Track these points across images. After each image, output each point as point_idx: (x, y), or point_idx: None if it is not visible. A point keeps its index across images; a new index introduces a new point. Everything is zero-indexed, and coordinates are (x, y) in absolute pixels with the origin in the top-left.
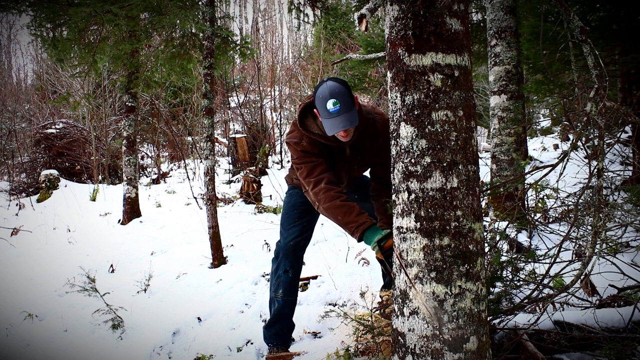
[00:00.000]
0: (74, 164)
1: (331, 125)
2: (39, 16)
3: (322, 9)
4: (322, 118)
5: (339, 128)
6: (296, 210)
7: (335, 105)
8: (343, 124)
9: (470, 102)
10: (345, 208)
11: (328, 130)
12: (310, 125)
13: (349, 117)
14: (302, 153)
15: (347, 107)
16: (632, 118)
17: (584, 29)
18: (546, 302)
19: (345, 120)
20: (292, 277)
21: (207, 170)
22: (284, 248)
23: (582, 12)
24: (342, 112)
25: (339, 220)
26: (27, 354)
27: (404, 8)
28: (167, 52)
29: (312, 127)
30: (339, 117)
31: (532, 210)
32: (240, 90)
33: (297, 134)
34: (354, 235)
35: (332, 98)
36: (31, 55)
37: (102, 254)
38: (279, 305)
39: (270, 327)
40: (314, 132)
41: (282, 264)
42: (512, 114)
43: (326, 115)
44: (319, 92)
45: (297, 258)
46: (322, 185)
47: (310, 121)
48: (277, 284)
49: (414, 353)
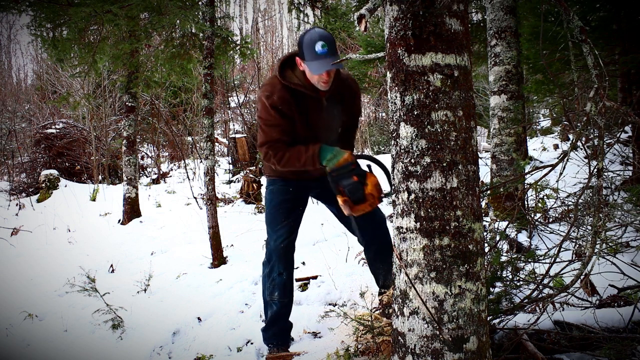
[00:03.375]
0: (74, 164)
1: (318, 65)
2: (39, 16)
3: (322, 9)
4: (307, 61)
5: (326, 67)
6: (281, 209)
7: (324, 47)
8: (332, 63)
9: (470, 102)
10: (295, 152)
11: (315, 70)
12: (289, 75)
13: (336, 59)
14: (270, 109)
15: (333, 51)
16: (632, 118)
17: (584, 29)
18: (546, 302)
19: (333, 60)
20: (286, 279)
21: (207, 170)
22: (275, 251)
23: (582, 12)
24: (329, 55)
25: (297, 165)
26: (27, 354)
27: (403, 8)
28: (167, 52)
29: (291, 78)
30: (326, 58)
31: (532, 210)
32: (240, 90)
33: (269, 87)
34: (315, 164)
35: (321, 40)
36: (31, 55)
37: (102, 254)
38: (275, 308)
39: (268, 330)
40: (293, 81)
41: (276, 267)
42: (512, 114)
43: (313, 57)
44: (306, 36)
45: (289, 259)
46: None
47: (289, 73)
48: (272, 287)
49: (414, 353)
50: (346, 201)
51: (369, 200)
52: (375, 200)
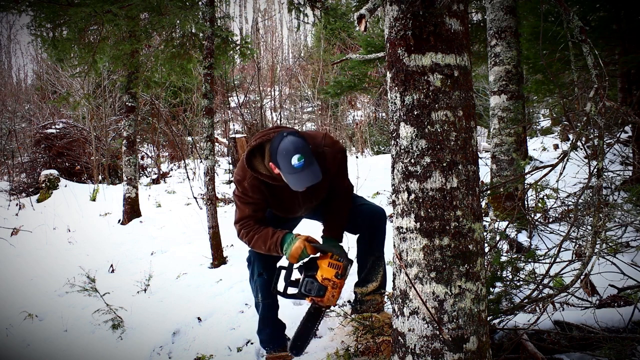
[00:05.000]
0: (74, 164)
1: (296, 181)
2: (39, 16)
3: (322, 9)
4: (284, 173)
5: (305, 183)
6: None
7: (300, 160)
8: (310, 178)
9: (470, 102)
10: (262, 235)
11: (293, 185)
12: (257, 166)
13: (314, 171)
14: (242, 194)
15: (310, 161)
16: (632, 118)
17: (584, 29)
18: (546, 302)
19: (310, 174)
20: (267, 279)
21: (207, 170)
22: (253, 253)
23: (582, 12)
24: (306, 167)
25: (264, 250)
26: (27, 354)
27: (403, 8)
28: (167, 52)
29: (259, 168)
30: (303, 171)
31: (532, 210)
32: (240, 90)
33: (241, 171)
34: (279, 253)
35: (297, 153)
36: (31, 55)
37: (102, 254)
38: (262, 309)
39: (261, 332)
40: (262, 172)
41: (256, 267)
42: (512, 114)
43: (290, 170)
44: (281, 146)
45: (268, 258)
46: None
47: (258, 162)
48: (256, 289)
49: (414, 353)
50: (312, 300)
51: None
52: (338, 281)
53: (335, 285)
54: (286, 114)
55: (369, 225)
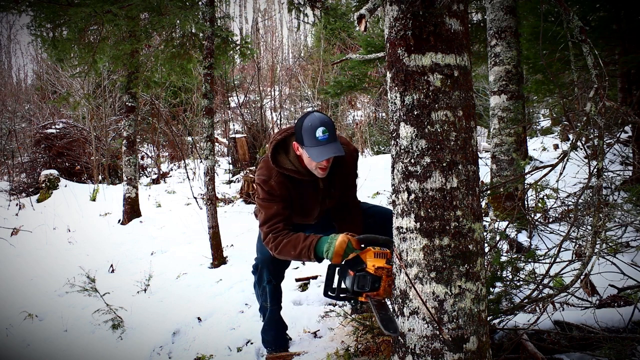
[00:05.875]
0: (74, 164)
1: (319, 153)
2: (39, 16)
3: (322, 9)
4: (307, 146)
5: (328, 154)
6: None
7: (325, 133)
8: (333, 150)
9: (470, 102)
10: (293, 239)
11: (315, 157)
12: (282, 161)
13: (337, 146)
14: (267, 194)
15: (334, 136)
16: (632, 118)
17: (584, 29)
18: (546, 302)
19: (334, 146)
20: (276, 285)
21: (207, 170)
22: (263, 260)
23: (582, 12)
24: (330, 141)
25: (293, 255)
26: (27, 354)
27: (403, 8)
28: (167, 52)
29: (284, 163)
30: (327, 144)
31: (532, 210)
32: (240, 90)
33: (265, 171)
34: (311, 257)
35: (322, 126)
36: (31, 55)
37: (102, 254)
38: (270, 312)
39: (267, 333)
40: (287, 167)
41: (265, 275)
42: (512, 114)
43: (314, 143)
44: (306, 121)
45: (276, 266)
46: (273, 235)
47: (283, 157)
48: (265, 295)
49: (414, 353)
50: (367, 296)
51: (382, 276)
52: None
53: (390, 273)
54: (286, 114)
55: (381, 226)
